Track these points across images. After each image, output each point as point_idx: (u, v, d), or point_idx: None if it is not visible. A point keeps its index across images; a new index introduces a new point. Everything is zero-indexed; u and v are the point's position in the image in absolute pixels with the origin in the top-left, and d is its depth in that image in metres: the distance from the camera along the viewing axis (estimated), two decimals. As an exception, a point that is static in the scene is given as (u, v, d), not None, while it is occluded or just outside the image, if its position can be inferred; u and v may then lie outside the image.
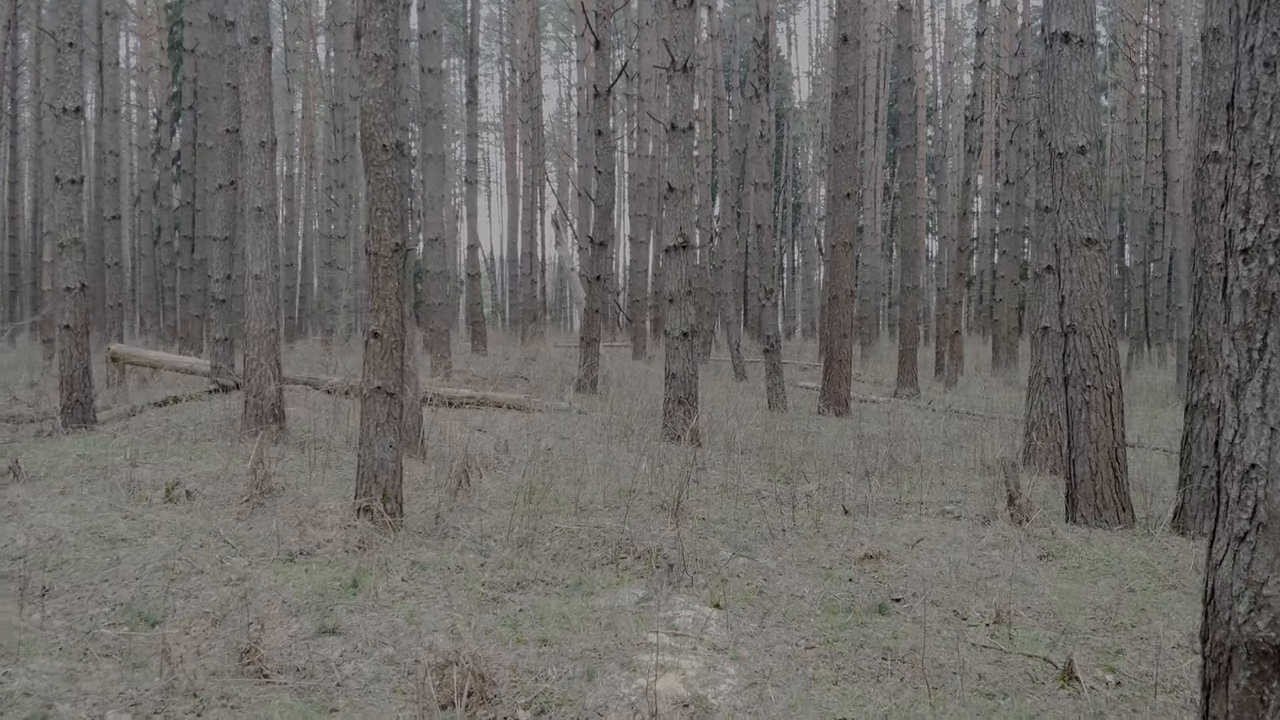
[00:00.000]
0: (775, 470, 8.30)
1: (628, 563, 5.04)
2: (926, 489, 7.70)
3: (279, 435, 8.55)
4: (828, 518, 6.32)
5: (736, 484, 7.49)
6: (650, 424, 10.65)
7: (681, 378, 9.81)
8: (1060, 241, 6.17)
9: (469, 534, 5.47)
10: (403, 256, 5.56)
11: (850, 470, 8.49)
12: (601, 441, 9.55)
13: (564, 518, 5.89)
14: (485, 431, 10.06)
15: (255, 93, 8.71)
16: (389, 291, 5.51)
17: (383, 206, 5.50)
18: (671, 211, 9.82)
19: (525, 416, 11.57)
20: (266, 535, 5.10)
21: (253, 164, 8.72)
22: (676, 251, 9.81)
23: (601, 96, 14.25)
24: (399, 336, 5.56)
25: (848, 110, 13.10)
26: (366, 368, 5.56)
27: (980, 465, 8.98)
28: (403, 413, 5.62)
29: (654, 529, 5.64)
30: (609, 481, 7.09)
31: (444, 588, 4.32)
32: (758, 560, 5.26)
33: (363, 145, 5.57)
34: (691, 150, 9.76)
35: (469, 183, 22.83)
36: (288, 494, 6.42)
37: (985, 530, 6.03)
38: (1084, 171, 6.09)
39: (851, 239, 13.25)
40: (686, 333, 9.85)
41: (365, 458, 5.56)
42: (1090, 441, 6.10)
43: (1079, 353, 6.10)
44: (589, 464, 7.85)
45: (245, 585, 4.26)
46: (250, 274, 8.74)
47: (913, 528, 6.15)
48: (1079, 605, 4.76)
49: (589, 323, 14.84)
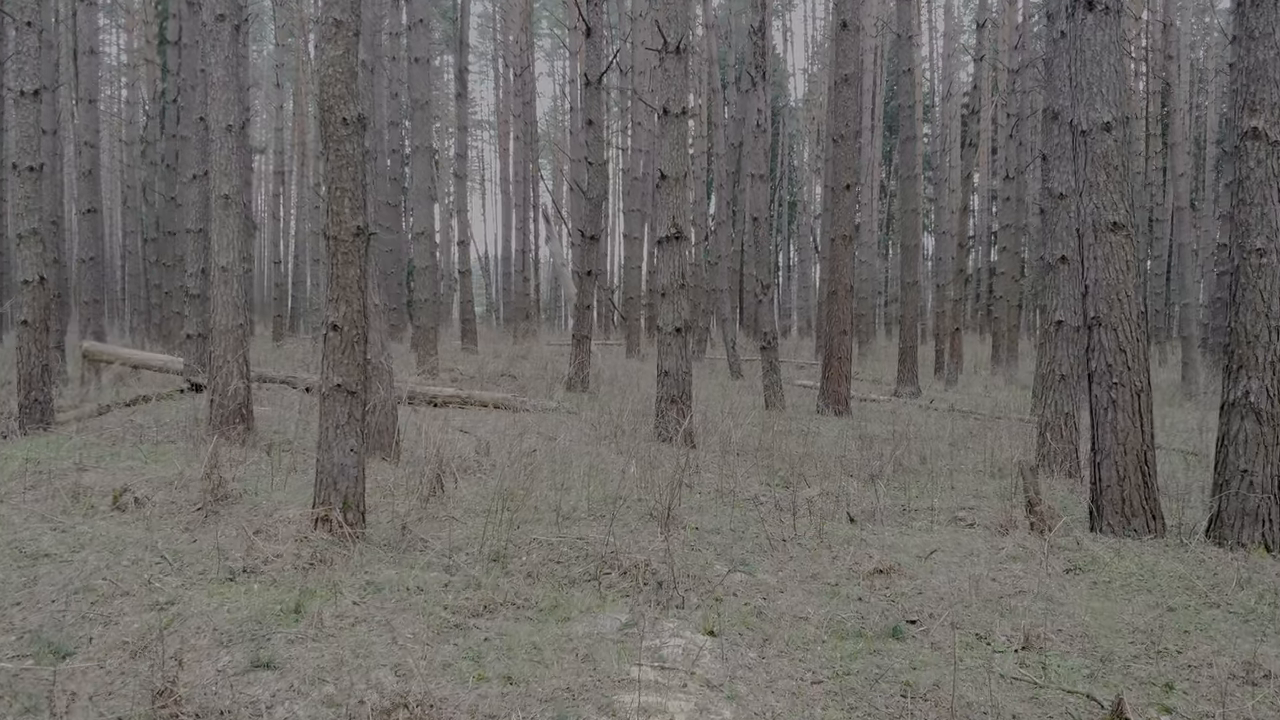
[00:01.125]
0: (774, 473, 7.81)
1: (611, 579, 4.54)
2: (936, 494, 7.20)
3: (245, 437, 8.03)
4: (832, 526, 5.81)
5: (733, 488, 6.99)
6: (642, 424, 10.15)
7: (675, 375, 9.31)
8: (1083, 227, 5.68)
9: (438, 547, 4.96)
10: (365, 241, 5.05)
11: (853, 473, 7.99)
12: (589, 443, 9.04)
13: (543, 528, 5.38)
14: (468, 432, 9.55)
15: (222, 73, 8.19)
16: (349, 279, 5.00)
17: (342, 186, 4.99)
18: (664, 201, 9.31)
19: (512, 416, 11.06)
20: (210, 549, 4.59)
21: (219, 149, 8.19)
22: (670, 242, 9.30)
23: (593, 85, 13.75)
24: (361, 329, 5.05)
25: (847, 99, 12.60)
26: (325, 363, 5.05)
27: (991, 468, 8.49)
28: (365, 413, 5.11)
29: (642, 540, 5.13)
30: (595, 486, 6.59)
31: (400, 612, 3.81)
32: (756, 576, 4.76)
33: (321, 118, 5.06)
34: (685, 136, 9.26)
35: (459, 177, 22.30)
36: (245, 501, 5.91)
37: (1004, 540, 5.53)
38: (1109, 150, 5.59)
39: (851, 232, 12.75)
40: (680, 328, 9.34)
41: (324, 463, 5.05)
42: (1117, 443, 5.60)
43: (1105, 347, 5.60)
44: (574, 467, 7.35)
45: (174, 610, 3.75)
46: (216, 265, 8.22)
47: (924, 538, 5.65)
48: (1115, 627, 4.27)
49: (580, 319, 14.34)
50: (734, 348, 19.45)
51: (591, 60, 13.84)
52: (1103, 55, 5.62)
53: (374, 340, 7.47)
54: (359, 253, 5.03)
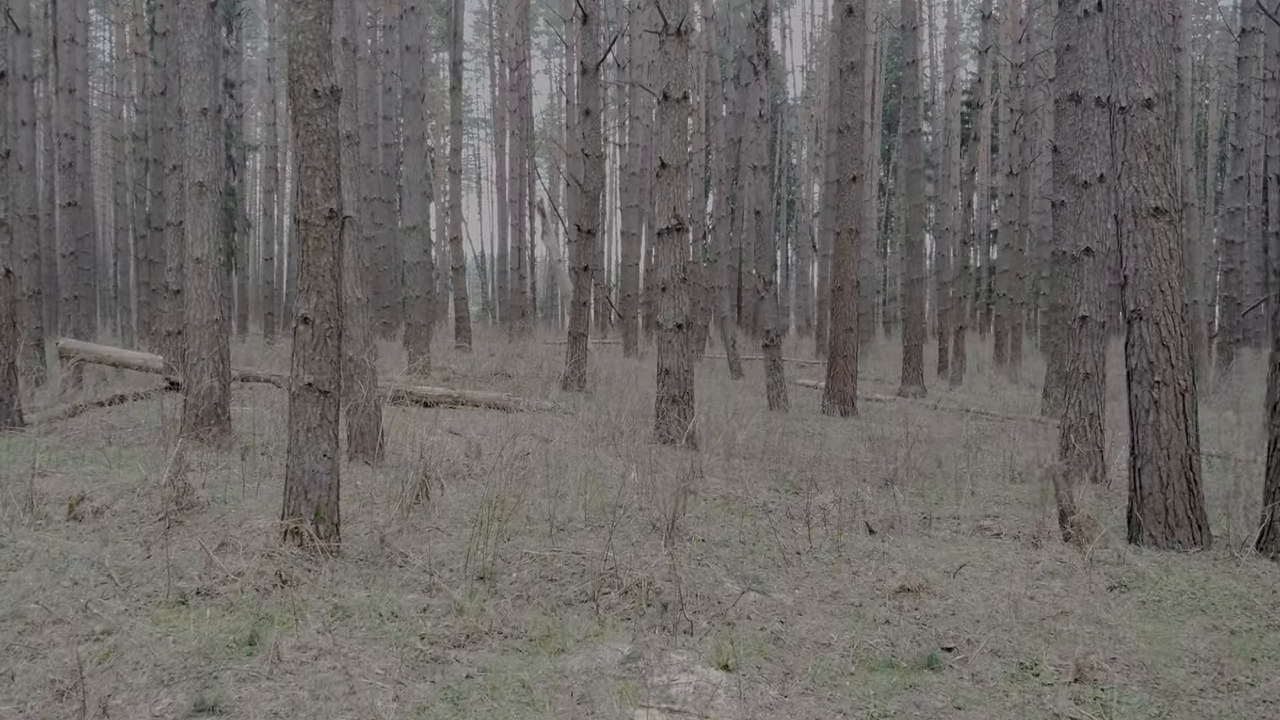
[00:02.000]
0: (782, 478, 7.35)
1: (611, 600, 4.08)
2: (956, 500, 6.75)
3: (220, 439, 7.56)
4: (849, 537, 5.36)
5: (740, 495, 6.54)
6: (641, 425, 9.70)
7: (676, 374, 8.85)
8: (1123, 212, 5.23)
9: (419, 563, 4.50)
10: (338, 225, 4.58)
11: (867, 478, 7.54)
12: (586, 445, 8.59)
13: (536, 540, 4.92)
14: (458, 433, 9.08)
15: (196, 53, 7.71)
16: (322, 268, 4.54)
17: (314, 164, 4.53)
18: (664, 191, 8.85)
19: (505, 417, 10.60)
20: (165, 566, 4.12)
21: (193, 134, 7.72)
22: (670, 234, 8.84)
23: (590, 74, 13.28)
24: (334, 322, 4.59)
25: (853, 88, 12.15)
26: (295, 360, 4.59)
27: (1010, 472, 8.04)
28: (348, 413, 4.64)
29: (644, 554, 4.68)
30: (593, 493, 6.12)
31: (371, 643, 3.35)
32: (771, 595, 4.30)
33: (290, 91, 4.59)
34: (686, 123, 8.80)
35: (453, 173, 21.82)
36: (212, 510, 5.44)
37: (1037, 553, 5.08)
38: (1151, 128, 5.14)
39: (857, 225, 12.29)
40: (681, 324, 8.89)
41: (294, 469, 4.58)
42: (1159, 447, 5.16)
43: (1146, 342, 5.15)
44: (570, 472, 6.89)
45: (111, 641, 3.28)
46: (191, 257, 7.74)
47: (951, 550, 5.20)
48: (1173, 654, 3.82)
49: (576, 317, 13.88)
50: (734, 346, 19.00)
51: (588, 48, 13.38)
52: (1143, 26, 5.17)
53: (355, 336, 7.01)
54: (332, 238, 4.56)
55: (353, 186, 7.02)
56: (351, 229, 7.04)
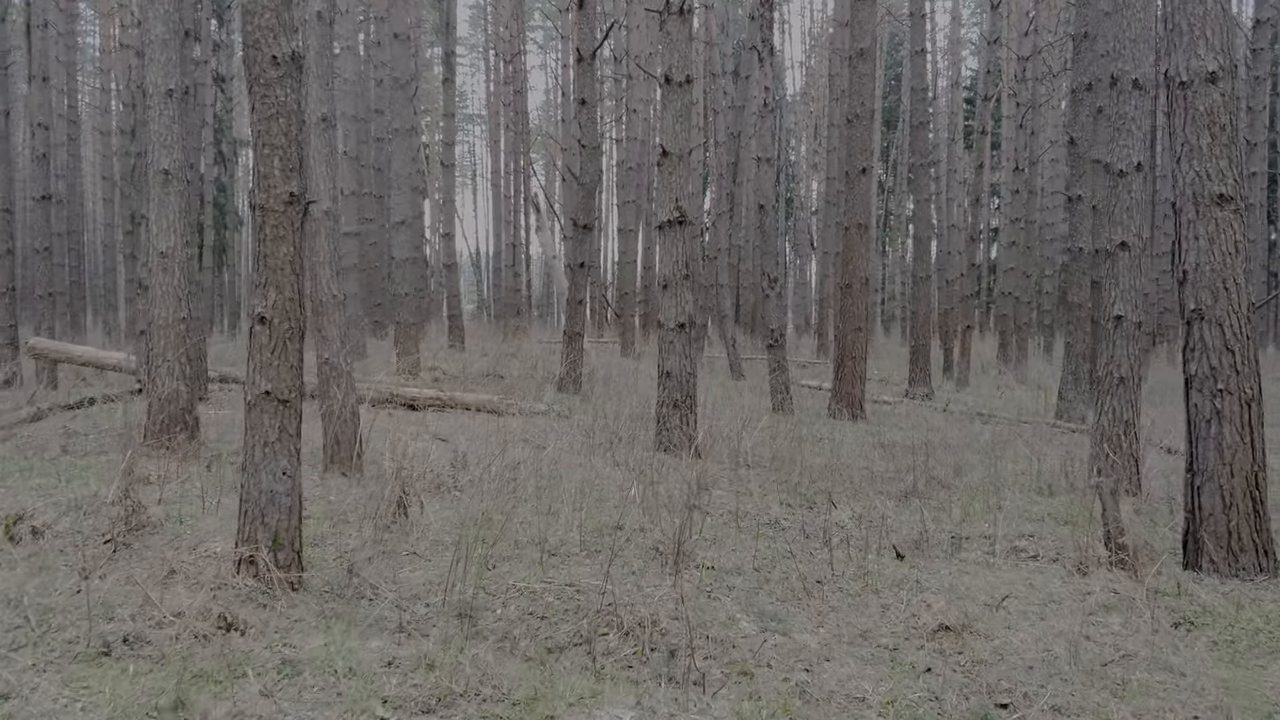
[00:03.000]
0: (794, 490, 6.81)
1: (610, 643, 3.53)
2: (984, 516, 6.21)
3: (186, 447, 6.99)
4: (875, 562, 4.81)
5: (750, 510, 5.99)
6: (641, 430, 9.14)
7: (677, 377, 8.31)
8: (1182, 200, 4.68)
9: (391, 597, 3.95)
10: (300, 211, 4.02)
11: (885, 490, 7.00)
12: (582, 453, 8.04)
13: (524, 568, 4.37)
14: (446, 440, 8.52)
15: (161, 29, 7.14)
16: (281, 260, 3.98)
17: (273, 142, 3.97)
18: (666, 181, 8.30)
19: (496, 421, 10.03)
20: (96, 604, 3.57)
21: (158, 116, 7.15)
22: (672, 228, 8.29)
23: (586, 61, 12.71)
24: (296, 322, 4.03)
25: (863, 75, 11.60)
26: (250, 365, 4.03)
27: (1036, 481, 7.51)
28: (301, 425, 4.08)
29: (647, 586, 4.13)
30: (589, 510, 5.58)
31: (323, 708, 2.80)
32: (793, 636, 3.76)
33: (245, 58, 4.04)
34: (690, 108, 8.25)
35: (446, 166, 21.24)
36: (165, 531, 4.89)
37: (1086, 582, 4.54)
38: (1215, 106, 4.60)
39: (866, 220, 11.75)
40: (684, 324, 8.34)
41: (249, 490, 4.03)
42: (1222, 464, 4.62)
43: (1208, 346, 4.61)
44: (565, 484, 6.34)
45: (6, 709, 2.72)
46: (155, 250, 7.18)
47: (988, 577, 4.65)
48: (1263, 709, 3.28)
49: (572, 315, 13.32)
50: (734, 346, 18.47)
51: (584, 34, 12.82)
52: (1205, -8, 4.62)
53: (332, 337, 6.45)
54: (293, 226, 4.00)
55: (329, 174, 6.46)
56: (329, 221, 6.49)
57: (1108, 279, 7.04)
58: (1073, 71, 12.77)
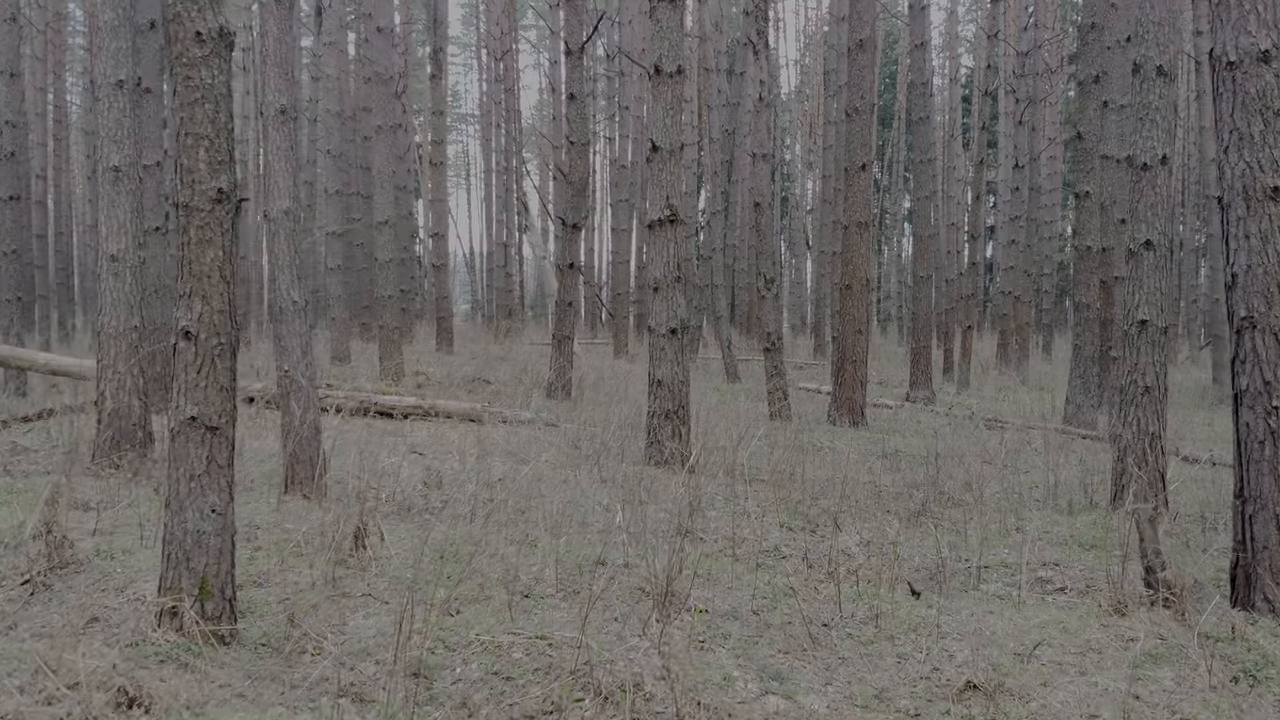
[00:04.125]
0: (795, 510, 6.30)
1: (585, 712, 3.02)
2: (1002, 539, 5.72)
3: (138, 466, 6.47)
4: (887, 600, 4.30)
5: (747, 536, 5.48)
6: (631, 440, 8.64)
7: (669, 385, 7.79)
8: (1230, 194, 4.18)
9: (336, 652, 3.43)
10: (231, 210, 3.51)
11: (892, 508, 6.50)
12: (568, 466, 7.52)
13: (492, 614, 3.85)
14: (422, 453, 8.01)
15: (110, 16, 6.60)
16: (208, 266, 3.46)
17: (197, 130, 3.45)
18: (657, 177, 7.79)
19: (480, 430, 9.52)
20: (-15, 669, 3.05)
21: (107, 110, 6.62)
22: (663, 227, 7.78)
23: (574, 55, 12.20)
24: (227, 337, 3.51)
25: (862, 66, 11.10)
26: (175, 387, 3.51)
27: (1053, 498, 7.02)
28: (233, 453, 3.57)
29: (630, 636, 3.62)
30: (571, 537, 5.07)
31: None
32: (797, 699, 3.25)
33: (167, 34, 3.55)
34: (681, 100, 7.74)
35: (434, 165, 20.72)
36: (94, 569, 4.36)
37: (1126, 624, 4.04)
38: (1269, 89, 4.10)
39: (867, 218, 11.25)
40: (676, 329, 7.83)
41: (173, 530, 3.51)
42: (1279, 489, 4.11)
43: (1261, 358, 4.11)
44: (546, 505, 5.83)
45: None
46: (105, 254, 6.65)
47: (1015, 619, 4.14)
48: (1354, 794, 2.78)
49: (561, 318, 12.80)
50: (729, 348, 17.96)
51: (573, 27, 12.31)
52: (1255, -39, 4.12)
53: (291, 347, 5.93)
54: (222, 227, 3.48)
55: (289, 172, 5.94)
56: (290, 222, 5.97)
57: (1130, 280, 6.54)
58: (1080, 63, 12.28)
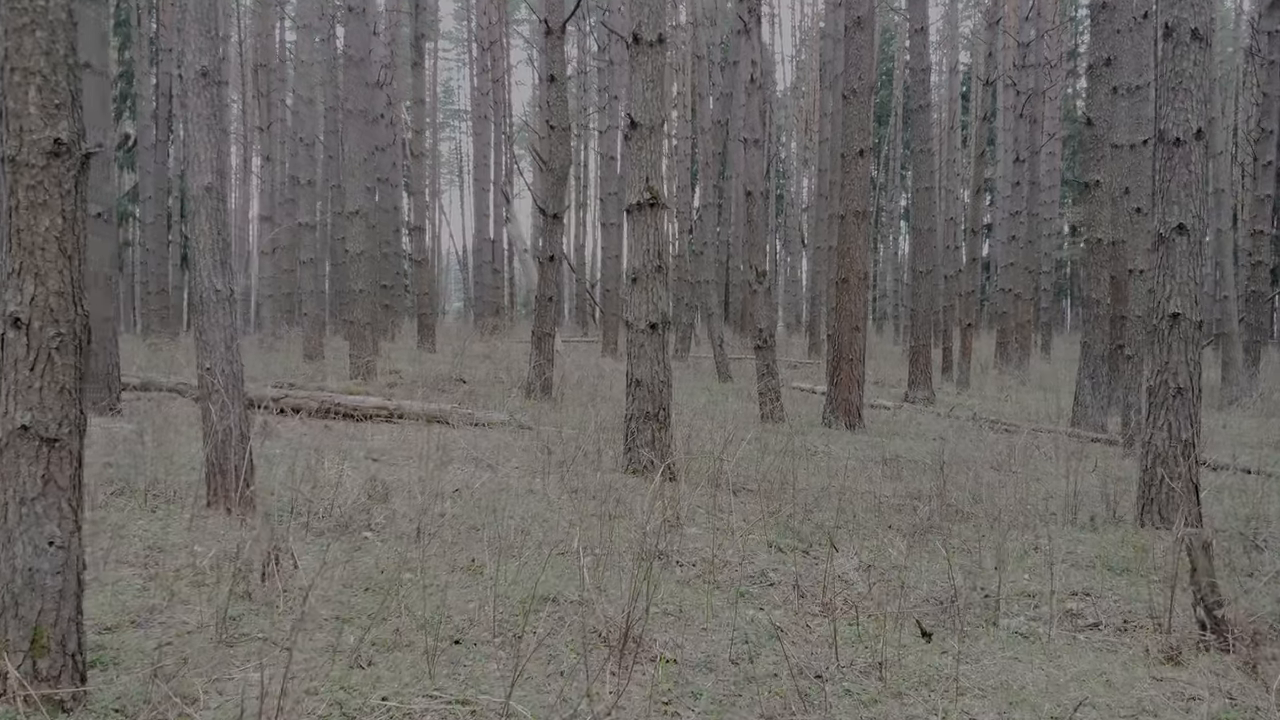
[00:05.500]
0: (785, 525, 5.60)
1: (507, 812, 2.32)
2: (1020, 561, 5.02)
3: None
4: (892, 643, 3.60)
5: (730, 558, 4.78)
6: (609, 444, 7.93)
7: (649, 386, 7.09)
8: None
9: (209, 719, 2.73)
10: (75, 166, 2.79)
11: (894, 523, 5.81)
12: (538, 474, 6.82)
13: (410, 667, 3.14)
14: (379, 459, 7.31)
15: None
16: (42, 236, 2.75)
17: (27, 65, 2.74)
18: (635, 157, 7.08)
19: (448, 433, 8.82)
20: None
21: None
22: (642, 212, 7.07)
23: (554, 34, 11.49)
24: (70, 326, 2.80)
25: (860, 45, 10.41)
26: (3, 389, 2.80)
27: (1071, 508, 6.32)
28: (79, 470, 2.86)
29: (574, 695, 2.91)
30: (524, 564, 4.36)
31: None
32: (783, 787, 2.55)
33: (-6, -54, 2.80)
34: (662, 71, 7.03)
35: (415, 155, 20.00)
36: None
37: (1184, 676, 3.34)
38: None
39: (865, 207, 10.56)
40: (656, 323, 7.12)
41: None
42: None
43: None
44: (504, 521, 5.13)
45: None
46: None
47: (1047, 668, 3.44)
48: None
49: (542, 314, 12.08)
50: (721, 346, 17.26)
51: (553, 4, 11.59)
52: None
53: (214, 342, 5.21)
54: (61, 188, 2.77)
55: (210, 142, 5.23)
56: (212, 200, 5.25)
57: (1160, 270, 5.84)
58: (1091, 45, 11.60)
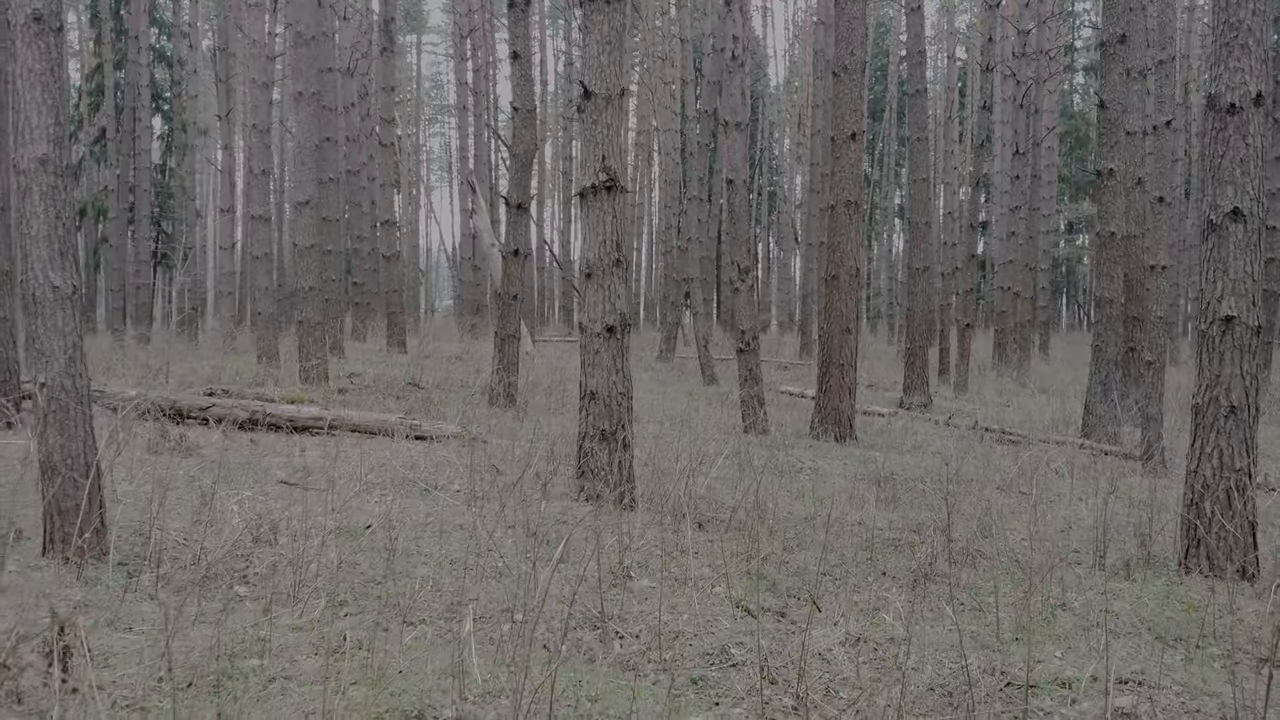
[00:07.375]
0: (759, 572, 4.61)
1: None
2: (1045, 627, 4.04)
3: None
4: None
5: (683, 625, 3.79)
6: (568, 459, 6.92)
7: (605, 398, 6.08)
8: None
9: None
10: None
11: (889, 569, 4.83)
12: (477, 500, 5.82)
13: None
14: (294, 484, 6.30)
15: None
16: None
17: None
18: (590, 131, 6.07)
19: (388, 449, 7.83)
20: None
21: None
22: (597, 195, 6.06)
23: (518, 7, 10.49)
24: None
25: (852, 17, 9.43)
26: None
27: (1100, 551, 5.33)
28: None
29: None
30: (417, 640, 3.37)
31: None
32: None
33: None
34: (622, 31, 6.03)
35: (384, 145, 18.97)
36: None
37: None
38: None
39: (857, 196, 9.58)
40: (614, 326, 6.11)
41: None
42: None
43: None
44: (418, 569, 4.14)
45: None
46: None
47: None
48: None
49: (505, 314, 11.07)
50: (706, 348, 16.28)
51: (517, -25, 10.58)
52: None
53: (52, 350, 4.20)
54: None
55: (46, 104, 4.23)
56: (48, 176, 4.24)
57: (1209, 263, 4.87)
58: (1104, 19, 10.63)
